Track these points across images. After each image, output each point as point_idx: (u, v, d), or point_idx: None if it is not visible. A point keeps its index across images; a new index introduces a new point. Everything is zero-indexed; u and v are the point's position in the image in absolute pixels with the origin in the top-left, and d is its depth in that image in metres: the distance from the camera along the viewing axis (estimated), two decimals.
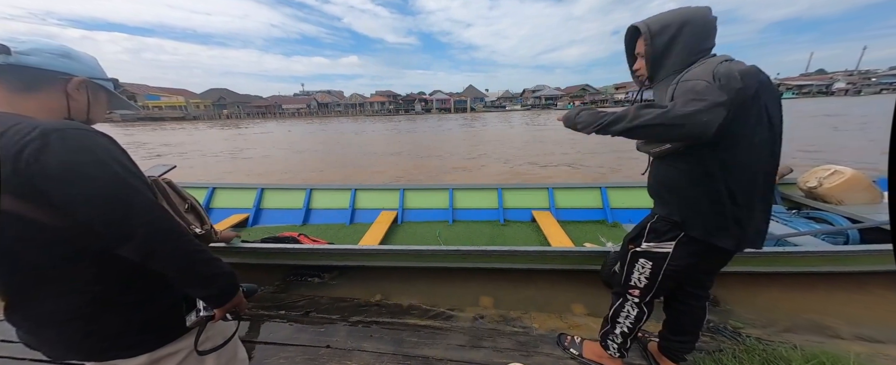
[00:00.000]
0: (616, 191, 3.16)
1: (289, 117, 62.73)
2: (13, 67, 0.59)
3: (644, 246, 1.09)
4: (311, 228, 3.01)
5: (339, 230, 2.95)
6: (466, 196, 3.27)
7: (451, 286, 2.19)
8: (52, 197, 0.55)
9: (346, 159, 9.52)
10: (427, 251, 2.02)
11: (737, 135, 0.85)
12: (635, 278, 1.14)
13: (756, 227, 0.97)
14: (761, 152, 0.90)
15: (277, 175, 7.35)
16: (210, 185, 3.27)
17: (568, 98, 69.30)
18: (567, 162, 7.83)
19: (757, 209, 0.95)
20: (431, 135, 16.89)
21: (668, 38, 0.92)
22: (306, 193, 3.28)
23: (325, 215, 3.22)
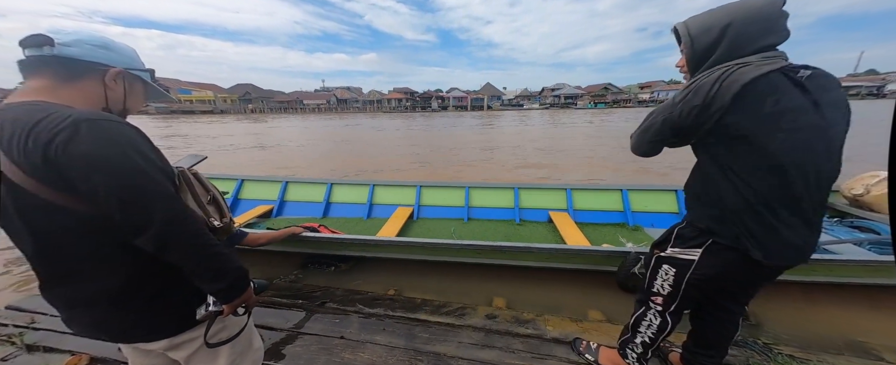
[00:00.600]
0: (638, 193, 3.04)
1: (309, 112, 64.53)
2: (57, 58, 0.62)
3: (669, 252, 1.05)
4: (331, 220, 3.09)
5: (357, 224, 3.02)
6: (482, 194, 3.26)
7: (465, 283, 2.19)
8: (78, 185, 0.57)
9: (364, 159, 9.69)
10: (442, 245, 2.02)
11: (746, 140, 0.82)
12: (658, 285, 1.09)
13: (788, 239, 0.87)
14: (786, 159, 0.80)
15: (301, 169, 7.58)
16: (239, 177, 3.42)
17: (588, 97, 67.21)
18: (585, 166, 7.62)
19: (787, 219, 0.85)
20: (443, 133, 16.88)
21: (709, 42, 0.86)
22: (327, 187, 3.38)
23: (344, 209, 3.30)
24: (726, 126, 0.82)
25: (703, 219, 0.97)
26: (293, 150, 10.60)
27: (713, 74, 0.82)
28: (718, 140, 0.87)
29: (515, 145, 10.95)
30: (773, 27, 0.82)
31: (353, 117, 38.77)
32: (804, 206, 0.85)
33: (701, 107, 0.82)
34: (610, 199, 3.06)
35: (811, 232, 0.89)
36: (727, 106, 0.79)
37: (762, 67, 0.78)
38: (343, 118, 36.65)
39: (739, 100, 0.78)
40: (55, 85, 0.63)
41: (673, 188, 3.03)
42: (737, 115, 0.80)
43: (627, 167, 6.92)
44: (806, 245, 0.90)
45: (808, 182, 0.83)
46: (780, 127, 0.79)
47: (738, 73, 0.79)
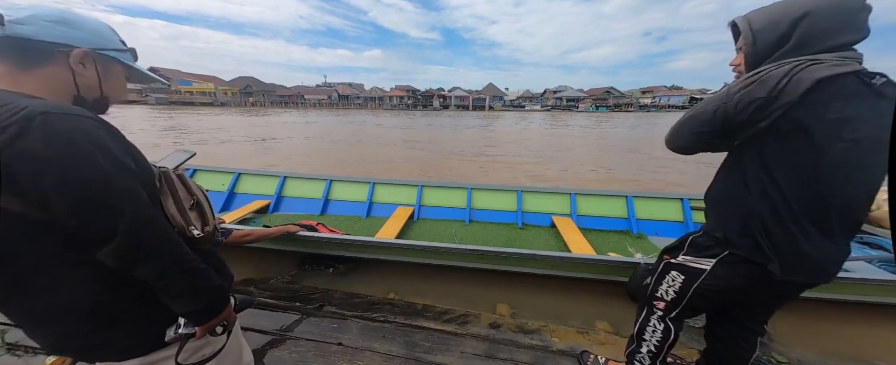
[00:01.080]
0: (643, 201, 2.99)
1: (310, 107, 64.29)
2: (9, 39, 0.52)
3: (680, 259, 1.01)
4: (329, 218, 3.03)
5: (356, 222, 2.95)
6: (484, 196, 3.20)
7: (468, 288, 2.12)
8: (25, 188, 0.49)
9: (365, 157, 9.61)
10: (444, 249, 1.96)
11: (805, 140, 0.74)
12: (663, 290, 1.06)
13: (809, 255, 0.81)
14: (837, 171, 0.74)
15: (299, 161, 7.51)
16: (236, 170, 3.34)
17: (590, 100, 67.23)
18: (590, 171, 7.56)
19: (813, 234, 0.80)
20: (443, 132, 16.80)
21: (775, 37, 0.77)
22: (326, 183, 3.31)
23: (343, 207, 3.24)
24: (790, 121, 0.73)
25: (721, 228, 0.92)
26: (289, 145, 10.52)
27: (783, 67, 0.72)
28: (773, 138, 0.78)
29: (514, 153, 10.89)
30: (853, 23, 0.72)
31: (355, 114, 38.62)
32: (836, 222, 0.79)
33: (765, 99, 0.73)
34: (614, 205, 3.01)
35: (838, 251, 0.84)
36: (795, 102, 0.71)
37: (835, 68, 0.70)
38: (344, 114, 36.50)
39: (810, 96, 0.70)
40: (14, 72, 0.55)
41: (679, 197, 2.97)
42: (803, 111, 0.72)
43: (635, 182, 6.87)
44: (830, 264, 0.85)
45: (849, 199, 0.77)
46: (842, 136, 0.72)
47: (810, 70, 0.70)
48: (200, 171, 3.30)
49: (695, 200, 2.92)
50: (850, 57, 0.73)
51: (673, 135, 0.95)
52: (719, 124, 0.83)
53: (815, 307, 1.89)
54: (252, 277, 2.17)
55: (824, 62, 0.71)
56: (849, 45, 0.74)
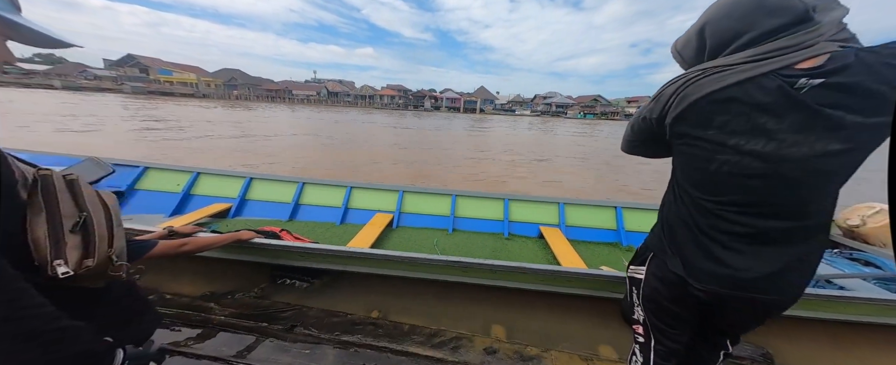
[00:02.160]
0: (632, 212, 2.92)
1: (298, 103, 62.78)
2: None
3: (630, 271, 1.01)
4: (298, 225, 2.78)
5: (328, 230, 2.72)
6: (469, 204, 3.04)
7: (458, 305, 1.93)
8: None
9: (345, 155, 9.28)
10: (424, 260, 1.75)
11: (686, 160, 0.79)
12: (637, 311, 1.00)
13: (726, 262, 0.75)
14: (720, 186, 0.73)
15: (281, 161, 7.13)
16: (195, 169, 3.02)
17: (578, 107, 68.63)
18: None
19: (727, 245, 0.75)
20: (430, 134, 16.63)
21: (692, 54, 0.78)
22: (297, 186, 3.05)
23: (315, 212, 2.99)
24: (678, 135, 0.76)
25: (651, 232, 0.97)
26: (270, 144, 10.07)
27: (675, 83, 0.73)
28: (679, 148, 0.79)
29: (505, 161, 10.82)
30: (763, 7, 0.63)
31: (345, 111, 37.83)
32: (747, 233, 0.73)
33: (660, 116, 0.77)
34: (603, 216, 2.92)
35: (766, 263, 0.72)
36: (679, 118, 0.73)
37: (737, 75, 0.63)
38: (335, 111, 35.70)
39: (691, 113, 0.70)
40: None
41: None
42: (686, 126, 0.73)
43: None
44: (755, 276, 0.73)
45: (756, 210, 0.71)
46: (727, 148, 0.68)
47: (698, 85, 0.68)
48: (153, 170, 2.96)
49: None
50: (770, 53, 0.62)
51: (622, 140, 0.99)
52: (645, 134, 0.87)
53: (810, 328, 1.81)
54: (213, 291, 1.91)
55: (728, 69, 0.65)
56: (771, 35, 0.62)
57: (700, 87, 0.67)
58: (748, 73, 0.62)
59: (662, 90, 0.76)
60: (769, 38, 0.62)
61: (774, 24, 0.61)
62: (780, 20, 0.61)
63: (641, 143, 0.92)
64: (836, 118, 0.59)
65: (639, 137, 0.90)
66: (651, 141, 0.87)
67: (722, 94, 0.64)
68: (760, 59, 0.62)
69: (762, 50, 0.62)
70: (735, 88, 0.63)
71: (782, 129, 0.62)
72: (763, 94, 0.61)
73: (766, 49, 0.62)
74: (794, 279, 0.75)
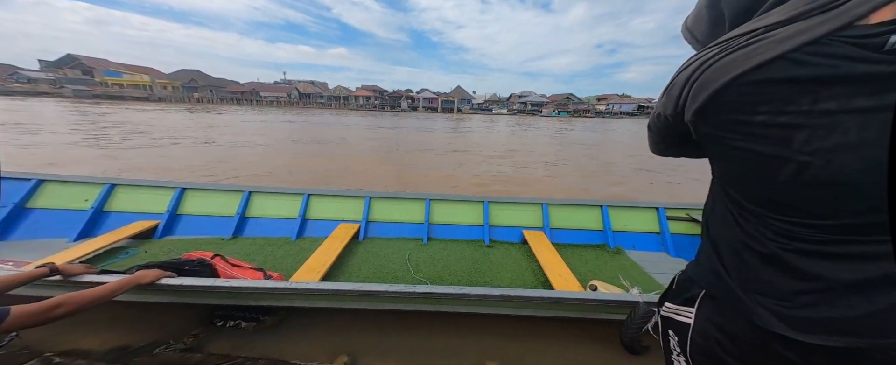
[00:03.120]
0: (618, 210, 2.77)
1: (266, 105, 59.67)
2: None
3: (666, 308, 0.71)
4: (244, 243, 2.34)
5: (281, 247, 2.32)
6: (446, 209, 2.75)
7: (444, 339, 1.61)
8: None
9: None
10: (387, 293, 1.40)
11: (722, 159, 0.55)
12: (673, 358, 0.70)
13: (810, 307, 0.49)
14: (763, 186, 0.49)
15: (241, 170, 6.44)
16: (109, 180, 2.50)
17: (553, 105, 70.65)
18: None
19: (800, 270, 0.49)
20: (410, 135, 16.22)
21: (709, 26, 0.60)
22: (242, 196, 2.60)
23: (266, 226, 2.56)
24: (706, 137, 0.53)
25: (693, 265, 0.68)
26: (230, 147, 9.23)
27: (688, 67, 0.52)
28: (711, 151, 0.56)
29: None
30: None
31: (318, 113, 36.27)
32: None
33: (674, 114, 0.56)
34: (589, 216, 2.76)
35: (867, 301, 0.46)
36: (697, 116, 0.51)
37: (777, 48, 0.41)
38: (306, 114, 34.10)
39: (714, 108, 0.49)
40: None
41: (654, 206, 2.79)
42: (708, 127, 0.51)
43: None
44: (858, 319, 0.47)
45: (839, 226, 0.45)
46: (791, 146, 0.43)
47: (717, 69, 0.47)
48: (51, 183, 2.40)
49: (671, 210, 2.76)
50: (825, 4, 0.40)
51: (649, 143, 0.78)
52: (667, 133, 0.65)
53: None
54: (126, 345, 1.47)
55: (762, 38, 0.44)
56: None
57: (724, 70, 0.46)
58: (795, 39, 0.40)
59: (674, 78, 0.56)
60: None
61: None
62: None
63: (668, 145, 0.71)
64: None
65: (662, 138, 0.70)
66: (677, 140, 0.66)
67: (775, 65, 0.42)
68: (816, 12, 0.40)
69: (811, 3, 0.41)
70: (795, 54, 0.41)
71: (865, 107, 0.40)
72: (827, 61, 0.40)
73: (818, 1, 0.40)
74: None
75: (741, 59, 0.44)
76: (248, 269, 1.71)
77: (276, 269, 1.97)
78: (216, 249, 1.85)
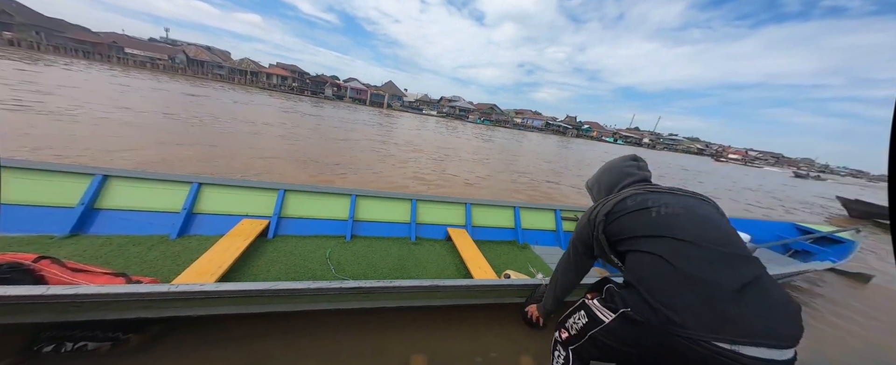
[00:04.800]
0: (527, 211, 3.21)
1: (135, 66, 46.14)
2: None
3: (593, 301, 0.96)
4: (93, 242, 1.82)
5: (154, 247, 1.88)
6: (372, 206, 2.70)
7: (368, 337, 1.59)
8: None
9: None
10: (303, 291, 1.27)
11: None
12: (570, 322, 1.01)
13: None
14: (676, 227, 0.92)
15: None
16: None
17: (478, 113, 75.74)
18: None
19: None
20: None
21: (595, 192, 1.31)
22: (93, 181, 1.99)
23: (130, 221, 2.02)
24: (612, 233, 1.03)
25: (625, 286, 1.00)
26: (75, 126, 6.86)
27: (589, 212, 1.14)
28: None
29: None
30: (623, 174, 1.21)
31: (215, 87, 29.85)
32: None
33: (590, 234, 1.10)
34: (504, 216, 3.12)
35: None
36: (603, 223, 1.04)
37: (613, 200, 1.06)
38: (200, 85, 27.64)
39: (605, 220, 1.04)
40: None
41: (552, 208, 3.34)
42: (614, 215, 1.03)
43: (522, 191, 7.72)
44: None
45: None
46: (648, 212, 0.98)
47: (601, 207, 1.08)
48: None
49: (565, 211, 3.34)
50: (630, 184, 1.17)
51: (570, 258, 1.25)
52: (587, 242, 1.15)
53: None
54: None
55: (609, 199, 1.08)
56: (628, 185, 1.16)
57: (602, 208, 1.06)
58: (617, 197, 1.07)
59: (583, 219, 1.15)
60: (628, 187, 1.14)
61: (628, 182, 1.18)
62: (631, 180, 1.18)
63: (589, 250, 1.14)
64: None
65: (585, 248, 1.17)
66: (592, 245, 1.13)
67: (617, 204, 1.04)
68: (623, 190, 1.13)
69: (625, 189, 1.14)
70: (621, 202, 1.03)
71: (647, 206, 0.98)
72: (629, 201, 1.02)
73: (628, 187, 1.15)
74: None
75: (606, 204, 1.06)
76: (99, 274, 1.32)
77: (147, 274, 1.59)
78: (42, 251, 1.37)
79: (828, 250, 3.32)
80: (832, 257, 3.10)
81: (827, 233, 3.37)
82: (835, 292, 3.18)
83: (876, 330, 2.59)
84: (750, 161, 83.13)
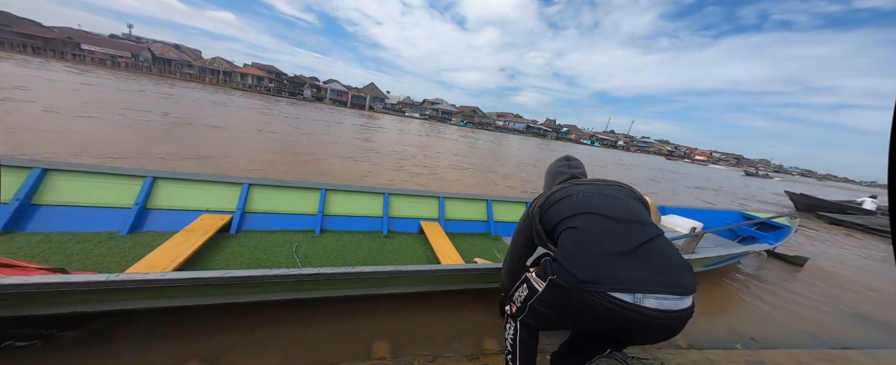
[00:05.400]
0: (498, 204, 3.29)
1: (94, 64, 42.99)
2: None
3: (532, 274, 1.02)
4: (30, 239, 1.70)
5: (101, 243, 1.78)
6: (343, 200, 2.66)
7: (332, 326, 1.57)
8: None
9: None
10: (263, 278, 1.24)
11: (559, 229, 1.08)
12: (516, 295, 1.08)
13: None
14: (589, 208, 1.04)
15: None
16: None
17: (461, 115, 76.36)
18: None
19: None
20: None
21: (545, 185, 1.40)
22: (30, 175, 1.84)
23: (74, 217, 1.88)
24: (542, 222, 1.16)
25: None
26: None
27: (531, 204, 1.26)
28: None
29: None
30: (559, 173, 1.35)
31: (184, 87, 28.24)
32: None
33: (531, 223, 1.22)
34: (477, 209, 3.17)
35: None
36: (537, 215, 1.17)
37: (551, 192, 1.19)
38: (166, 84, 26.07)
39: (546, 199, 1.18)
40: None
41: (523, 201, 3.44)
42: (546, 206, 1.16)
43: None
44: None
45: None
46: (567, 200, 1.11)
47: (537, 200, 1.22)
48: None
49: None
50: (563, 181, 1.27)
51: (508, 259, 1.37)
52: (527, 229, 1.26)
53: None
54: None
55: (542, 195, 1.22)
56: (560, 182, 1.27)
57: (538, 201, 1.21)
58: (552, 190, 1.20)
59: (531, 207, 1.25)
60: (566, 181, 1.26)
61: (563, 178, 1.30)
62: (564, 177, 1.31)
63: (528, 241, 1.25)
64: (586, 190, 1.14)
65: (525, 239, 1.27)
66: (532, 235, 1.23)
67: (552, 197, 1.16)
68: (560, 186, 1.22)
69: (561, 182, 1.27)
70: (554, 194, 1.17)
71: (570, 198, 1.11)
72: (559, 194, 1.15)
73: (563, 181, 1.28)
74: None
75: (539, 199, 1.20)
76: (32, 269, 1.23)
77: (93, 270, 1.50)
78: None
79: (769, 235, 3.63)
80: (771, 241, 3.42)
81: (766, 218, 3.68)
82: (772, 274, 3.49)
83: (804, 307, 2.86)
84: (715, 161, 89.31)
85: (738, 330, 2.25)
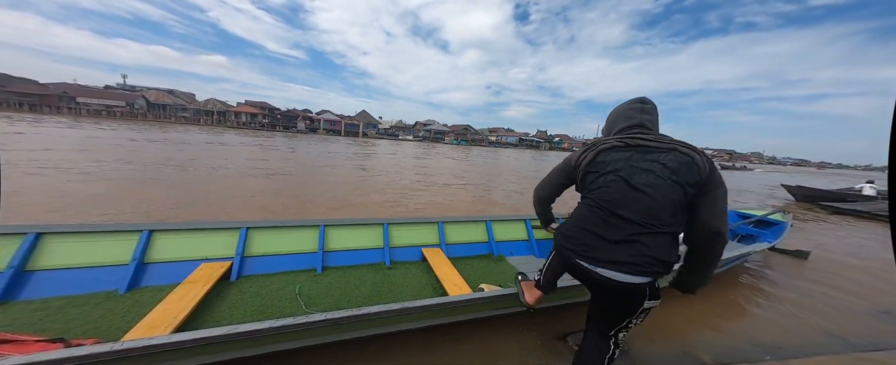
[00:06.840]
0: (498, 224, 3.26)
1: (90, 116, 43.70)
2: None
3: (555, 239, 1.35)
4: (26, 307, 1.63)
5: (101, 304, 1.72)
6: (342, 235, 2.62)
7: None
8: None
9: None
10: (266, 331, 1.18)
11: (588, 183, 1.23)
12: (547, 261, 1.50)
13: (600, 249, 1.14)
14: (606, 196, 1.14)
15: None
16: None
17: (454, 134, 77.64)
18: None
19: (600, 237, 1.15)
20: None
21: (606, 130, 1.35)
22: (24, 241, 1.80)
23: (70, 280, 1.82)
24: (582, 172, 1.24)
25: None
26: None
27: (580, 150, 1.28)
28: (584, 178, 1.25)
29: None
30: (626, 118, 1.23)
31: (177, 130, 28.60)
32: (614, 225, 1.11)
33: (572, 166, 1.30)
34: (477, 230, 3.15)
35: (619, 252, 1.09)
36: (585, 164, 1.22)
37: (607, 143, 1.19)
38: (161, 130, 26.41)
39: (589, 161, 1.21)
40: None
41: (522, 218, 3.41)
42: (585, 169, 1.22)
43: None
44: (613, 260, 1.09)
45: (626, 209, 1.10)
46: (607, 172, 1.16)
47: (591, 150, 1.22)
48: None
49: (535, 220, 3.41)
50: (624, 134, 1.21)
51: (540, 187, 1.46)
52: (567, 175, 1.35)
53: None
54: None
55: (607, 142, 1.20)
56: (627, 130, 1.20)
57: (594, 149, 1.22)
58: (612, 142, 1.20)
59: (569, 156, 1.34)
60: (627, 131, 1.21)
61: (627, 125, 1.22)
62: (631, 123, 1.22)
63: (560, 182, 1.39)
64: (647, 159, 1.14)
65: (557, 177, 1.39)
66: (566, 178, 1.36)
67: (606, 150, 1.20)
68: (622, 137, 1.20)
69: (621, 135, 1.21)
70: (611, 148, 1.20)
71: (621, 163, 1.16)
72: (617, 150, 1.19)
73: (623, 135, 1.22)
74: None
75: (599, 146, 1.22)
76: (31, 342, 1.19)
77: (91, 336, 1.45)
78: None
79: (766, 232, 3.62)
80: (770, 238, 3.40)
81: (762, 216, 3.68)
82: (781, 273, 3.44)
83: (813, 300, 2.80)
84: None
85: (759, 339, 2.18)
